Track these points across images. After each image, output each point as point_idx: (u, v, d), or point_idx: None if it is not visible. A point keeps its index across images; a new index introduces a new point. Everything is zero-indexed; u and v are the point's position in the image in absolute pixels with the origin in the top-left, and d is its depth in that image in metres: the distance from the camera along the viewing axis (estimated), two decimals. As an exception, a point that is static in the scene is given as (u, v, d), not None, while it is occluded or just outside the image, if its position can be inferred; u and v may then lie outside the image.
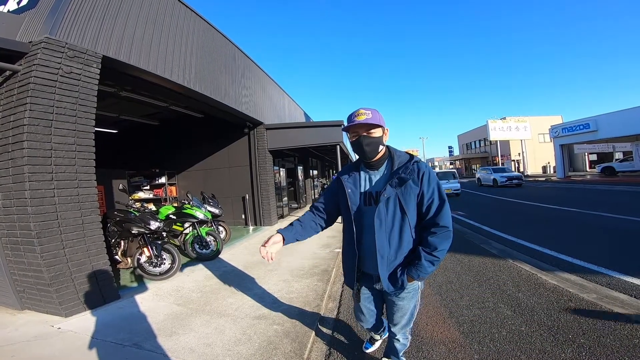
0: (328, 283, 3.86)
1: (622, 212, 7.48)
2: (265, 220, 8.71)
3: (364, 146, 1.65)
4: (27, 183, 2.95)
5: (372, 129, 1.65)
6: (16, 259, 3.19)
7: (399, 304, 1.81)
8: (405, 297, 1.79)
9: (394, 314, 1.87)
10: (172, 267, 4.40)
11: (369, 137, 1.65)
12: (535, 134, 33.35)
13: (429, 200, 1.63)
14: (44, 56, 3.07)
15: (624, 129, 19.01)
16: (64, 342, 2.65)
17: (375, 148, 1.67)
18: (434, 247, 1.60)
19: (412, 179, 1.63)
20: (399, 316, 1.86)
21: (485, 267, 4.27)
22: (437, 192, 1.64)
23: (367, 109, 1.65)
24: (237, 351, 2.43)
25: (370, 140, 1.65)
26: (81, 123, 3.35)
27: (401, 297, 1.78)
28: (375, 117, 1.63)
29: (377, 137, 1.66)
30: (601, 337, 2.37)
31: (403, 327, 1.91)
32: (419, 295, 1.87)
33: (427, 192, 1.63)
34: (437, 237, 1.61)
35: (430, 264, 1.62)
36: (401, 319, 1.87)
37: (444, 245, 1.62)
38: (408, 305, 1.82)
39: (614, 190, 13.07)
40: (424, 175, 1.63)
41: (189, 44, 5.42)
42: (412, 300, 1.82)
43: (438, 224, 1.61)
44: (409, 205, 1.64)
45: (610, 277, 3.59)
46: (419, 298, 1.90)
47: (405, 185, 1.63)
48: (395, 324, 1.91)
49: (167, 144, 9.47)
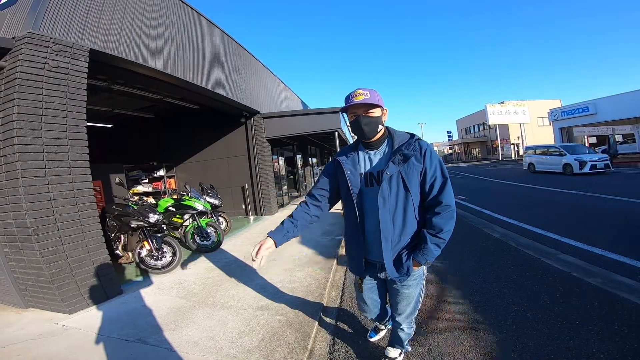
0: (330, 271, 3.84)
1: (623, 195, 7.45)
2: (265, 209, 8.69)
3: (363, 126, 1.63)
4: (21, 179, 2.89)
5: (370, 108, 1.62)
6: (16, 257, 3.16)
7: (404, 292, 1.77)
8: (411, 285, 1.75)
9: (399, 303, 1.83)
10: (173, 260, 4.38)
11: (368, 116, 1.62)
12: (534, 118, 33.24)
13: (432, 178, 1.60)
14: (28, 51, 3.00)
15: (624, 112, 18.97)
16: (69, 340, 2.64)
17: (374, 128, 1.64)
18: (439, 228, 1.57)
19: (414, 156, 1.59)
20: (404, 305, 1.82)
21: (488, 251, 4.25)
22: (440, 170, 1.61)
23: (365, 89, 1.61)
24: (241, 343, 2.42)
25: (369, 119, 1.62)
26: (72, 117, 3.28)
27: (406, 285, 1.75)
28: (374, 96, 1.60)
29: (376, 116, 1.63)
30: (609, 323, 2.34)
31: (408, 316, 1.88)
32: (423, 282, 1.83)
33: (429, 169, 1.60)
34: (441, 218, 1.57)
35: (436, 247, 1.60)
36: (406, 308, 1.83)
37: (449, 225, 1.59)
38: (413, 293, 1.79)
39: (614, 172, 13.02)
40: (426, 152, 1.61)
41: (179, 35, 5.30)
42: (417, 287, 1.79)
43: (441, 203, 1.58)
44: (412, 183, 1.60)
45: (614, 260, 3.57)
46: (424, 285, 1.85)
47: (408, 162, 1.59)
48: (400, 314, 1.87)
49: (164, 137, 9.36)
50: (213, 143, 9.09)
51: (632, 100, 18.13)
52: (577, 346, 2.11)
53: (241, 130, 8.72)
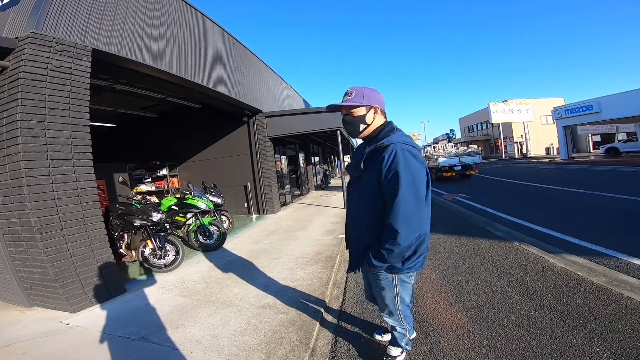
0: (332, 270, 3.84)
1: (628, 193, 7.38)
2: (268, 208, 8.70)
3: (345, 125, 1.72)
4: (25, 179, 2.91)
5: (352, 108, 1.66)
6: (20, 256, 3.19)
7: (375, 282, 1.81)
8: (381, 281, 1.75)
9: (377, 296, 1.90)
10: (176, 258, 4.39)
11: (350, 115, 1.67)
12: (537, 116, 32.98)
13: (386, 190, 1.52)
14: (31, 51, 3.02)
15: (628, 110, 18.79)
16: (74, 338, 2.66)
17: (355, 127, 1.69)
18: (382, 243, 1.55)
19: (378, 160, 1.55)
20: (381, 301, 1.87)
21: (491, 250, 4.23)
22: (396, 181, 1.46)
23: (354, 87, 1.66)
24: (243, 341, 2.42)
25: (350, 119, 1.68)
26: (75, 117, 3.30)
27: (376, 277, 1.76)
28: (358, 96, 1.63)
29: (358, 115, 1.66)
30: (612, 323, 2.33)
31: (389, 315, 1.89)
32: (395, 288, 1.75)
33: (384, 180, 1.51)
34: (384, 235, 1.54)
35: (376, 257, 1.61)
36: (383, 305, 1.87)
37: (386, 245, 1.51)
38: (385, 293, 1.79)
39: (619, 170, 12.93)
40: (384, 159, 1.51)
41: (182, 34, 5.32)
42: (388, 289, 1.77)
43: (386, 220, 1.51)
44: (370, 187, 1.61)
45: (618, 259, 3.54)
46: (398, 292, 1.77)
47: (374, 167, 1.58)
48: (382, 310, 1.93)
49: (167, 136, 9.41)
50: (215, 142, 9.11)
51: (636, 99, 17.95)
52: (580, 345, 2.10)
53: (243, 129, 8.75)
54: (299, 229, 6.47)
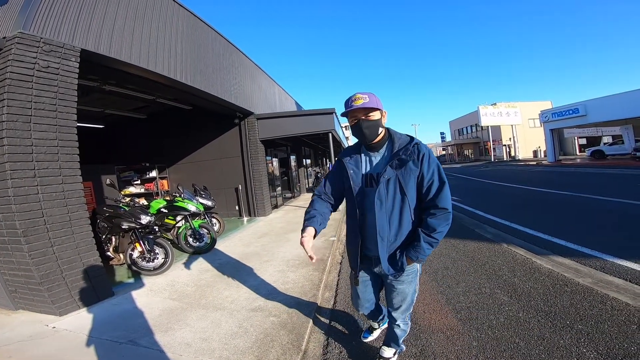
0: (324, 272, 3.84)
1: (614, 195, 7.57)
2: (259, 211, 8.66)
3: (364, 129, 1.67)
4: (10, 181, 2.85)
5: (370, 112, 1.66)
6: (5, 259, 3.12)
7: (399, 287, 1.82)
8: (405, 281, 1.80)
9: (394, 299, 1.88)
10: (165, 261, 4.34)
11: (368, 120, 1.66)
12: (525, 119, 33.66)
13: (429, 182, 1.64)
14: (18, 51, 2.97)
15: (613, 114, 19.32)
16: (60, 341, 2.61)
17: (374, 131, 1.69)
18: (433, 228, 1.63)
19: (412, 161, 1.63)
20: (399, 300, 1.87)
21: (481, 252, 4.29)
22: (437, 174, 1.65)
23: (364, 93, 1.65)
24: (234, 344, 2.40)
25: (369, 123, 1.66)
26: (62, 118, 3.24)
27: (400, 281, 1.80)
28: (372, 100, 1.64)
29: (376, 119, 1.67)
30: (599, 323, 2.38)
31: (403, 311, 1.91)
32: (417, 279, 1.88)
33: (427, 173, 1.63)
34: (436, 219, 1.63)
35: (428, 246, 1.65)
36: (401, 303, 1.88)
37: (443, 227, 1.64)
38: (407, 290, 1.83)
39: (605, 173, 13.24)
40: (424, 156, 1.64)
41: (172, 35, 5.28)
42: (411, 284, 1.84)
43: (437, 206, 1.63)
44: (409, 187, 1.65)
45: (604, 260, 3.61)
46: (418, 282, 1.90)
47: (405, 166, 1.64)
48: (395, 309, 1.91)
49: (157, 138, 9.29)
50: (206, 144, 9.03)
51: (622, 102, 18.47)
52: (567, 346, 2.14)
53: (235, 131, 8.69)
54: (291, 231, 6.45)
